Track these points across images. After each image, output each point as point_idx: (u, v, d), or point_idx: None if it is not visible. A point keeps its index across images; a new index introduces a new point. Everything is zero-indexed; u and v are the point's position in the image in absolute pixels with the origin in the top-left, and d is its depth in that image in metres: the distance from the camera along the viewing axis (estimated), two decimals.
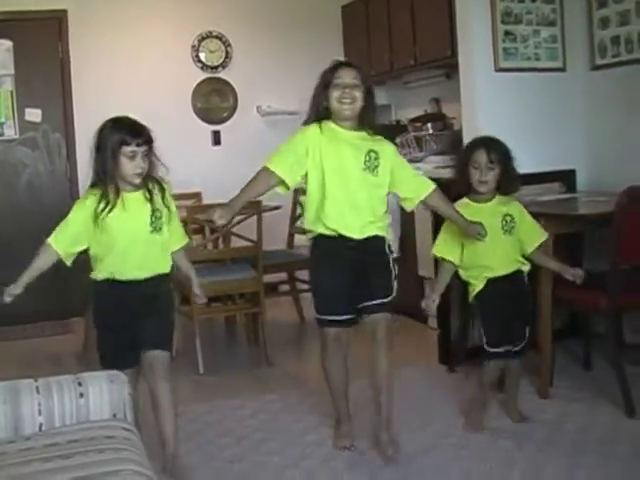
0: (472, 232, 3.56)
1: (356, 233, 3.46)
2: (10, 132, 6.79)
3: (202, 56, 7.34)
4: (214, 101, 7.39)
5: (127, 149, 3.19)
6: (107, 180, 3.21)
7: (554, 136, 5.04)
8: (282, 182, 3.53)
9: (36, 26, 6.77)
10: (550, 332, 4.12)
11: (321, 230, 3.50)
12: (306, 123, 3.55)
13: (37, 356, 5.62)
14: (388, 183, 3.53)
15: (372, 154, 3.46)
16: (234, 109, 7.45)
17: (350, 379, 3.71)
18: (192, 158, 6.92)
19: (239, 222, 5.14)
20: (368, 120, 3.51)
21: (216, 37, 7.35)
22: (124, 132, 3.22)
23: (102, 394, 2.64)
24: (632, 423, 3.74)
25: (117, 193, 3.22)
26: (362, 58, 7.21)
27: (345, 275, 3.49)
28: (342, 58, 7.47)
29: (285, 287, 6.54)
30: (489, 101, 4.92)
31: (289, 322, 6.24)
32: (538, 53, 5.05)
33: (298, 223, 6.21)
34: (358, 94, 3.42)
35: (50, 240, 3.29)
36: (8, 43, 6.72)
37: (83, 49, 6.86)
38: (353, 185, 3.44)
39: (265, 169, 3.52)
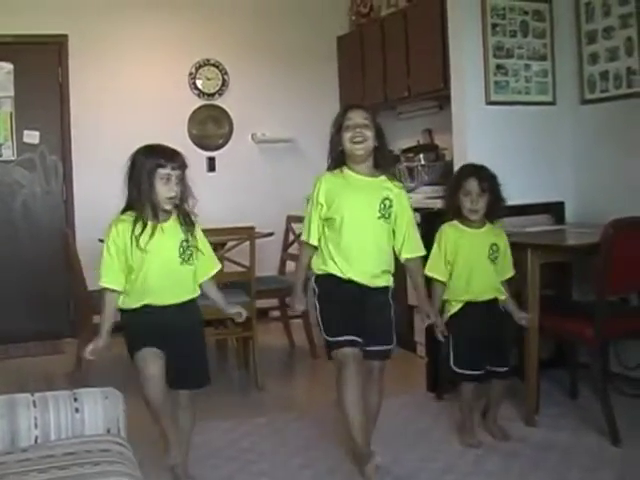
0: (426, 313, 3.79)
1: (366, 280, 3.52)
2: (8, 153, 6.84)
3: (199, 83, 7.42)
4: (210, 128, 7.47)
5: (162, 171, 3.25)
6: (144, 202, 3.26)
7: (543, 168, 5.12)
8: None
9: (37, 50, 6.85)
10: (536, 361, 4.17)
11: (333, 270, 3.53)
12: (328, 169, 3.64)
13: (28, 376, 5.63)
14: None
15: (387, 201, 3.51)
16: (229, 136, 7.52)
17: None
18: None
19: (232, 247, 5.21)
20: (383, 162, 3.59)
21: (213, 65, 7.44)
22: (160, 156, 3.29)
23: (97, 409, 2.69)
24: (617, 451, 3.78)
25: (155, 216, 3.28)
26: (356, 88, 7.32)
27: (353, 310, 3.51)
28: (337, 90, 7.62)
29: (276, 313, 6.60)
30: (480, 133, 5.00)
31: (279, 347, 6.28)
32: (529, 87, 5.15)
33: (290, 250, 6.28)
34: (369, 133, 3.49)
35: (104, 283, 3.31)
36: (9, 66, 6.79)
37: (82, 74, 6.93)
38: (366, 232, 3.50)
39: (305, 244, 3.65)
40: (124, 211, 3.33)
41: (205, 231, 5.08)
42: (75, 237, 6.32)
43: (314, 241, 3.57)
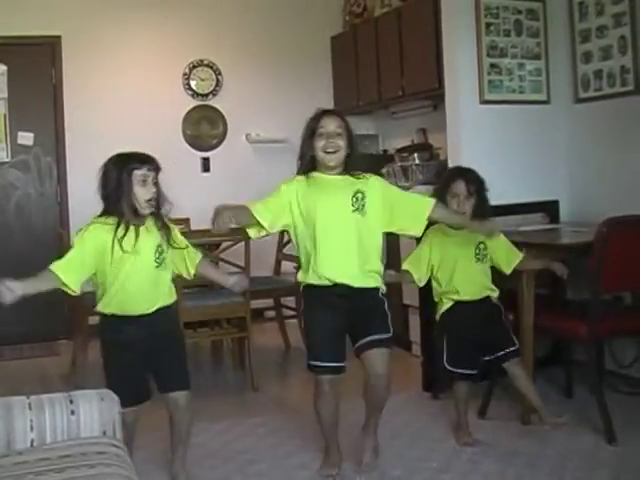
0: (489, 232, 3.75)
1: (351, 280, 3.45)
2: (2, 155, 6.83)
3: (193, 84, 7.42)
4: (204, 128, 7.47)
5: (139, 172, 3.26)
6: (123, 206, 3.26)
7: (538, 167, 5.13)
8: (258, 224, 3.51)
9: (30, 51, 6.84)
10: (532, 360, 4.17)
11: (313, 280, 3.48)
12: (298, 174, 3.57)
13: (23, 378, 5.62)
14: (382, 221, 3.52)
15: (359, 194, 3.44)
16: (223, 136, 7.52)
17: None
18: (181, 184, 6.92)
19: (227, 248, 5.21)
20: (353, 167, 3.51)
21: (207, 65, 7.44)
22: (134, 159, 3.31)
23: (92, 412, 2.69)
24: (612, 450, 3.79)
25: (135, 219, 3.28)
26: (350, 88, 7.33)
27: (339, 323, 3.47)
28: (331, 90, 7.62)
29: (271, 313, 6.60)
30: (474, 132, 5.01)
31: (274, 348, 6.28)
32: (523, 86, 5.16)
33: (285, 250, 6.28)
34: (342, 143, 3.42)
35: (54, 268, 3.27)
36: (2, 67, 6.78)
37: (76, 75, 6.93)
38: (345, 229, 3.43)
39: (247, 211, 3.54)
40: (101, 215, 3.32)
41: (199, 232, 5.10)
42: (70, 238, 6.30)
43: (256, 213, 3.47)
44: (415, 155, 6.48)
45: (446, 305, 3.96)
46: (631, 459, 3.67)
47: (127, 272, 3.26)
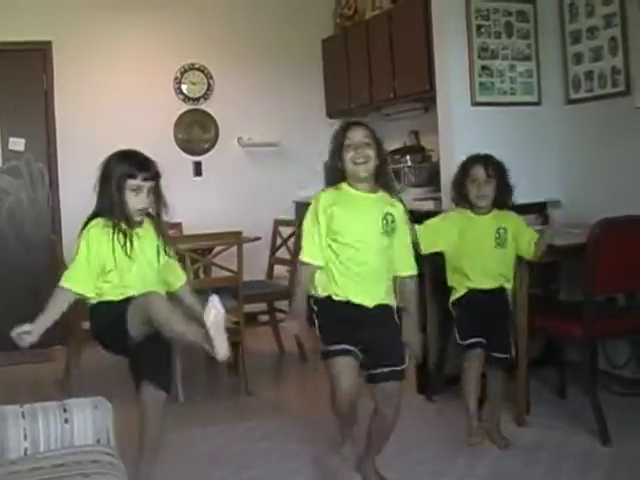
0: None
1: (369, 301, 3.35)
2: None
3: (184, 88, 7.41)
4: (196, 132, 7.46)
5: (132, 182, 3.18)
6: (115, 211, 3.19)
7: (530, 169, 5.13)
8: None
9: (21, 57, 6.83)
10: (526, 360, 4.18)
11: (331, 294, 3.35)
12: (327, 186, 3.49)
13: (17, 384, 5.61)
14: None
15: (389, 217, 3.35)
16: (215, 140, 7.52)
17: None
18: (173, 188, 6.83)
19: (220, 252, 5.20)
20: (384, 179, 3.43)
21: (198, 69, 7.44)
22: (131, 164, 3.21)
23: (86, 420, 2.68)
24: (606, 451, 3.79)
25: (128, 225, 3.22)
26: (342, 91, 7.33)
27: (355, 336, 3.31)
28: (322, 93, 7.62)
29: (264, 317, 6.59)
30: (466, 134, 5.00)
31: (268, 352, 6.26)
32: (514, 87, 5.16)
33: (278, 254, 6.27)
34: (371, 152, 3.32)
35: (65, 284, 3.22)
36: None
37: (67, 80, 6.92)
38: (372, 251, 3.33)
39: (302, 264, 3.40)
40: (93, 216, 3.26)
41: (192, 237, 5.09)
42: (62, 244, 6.29)
43: (311, 259, 3.35)
44: (407, 157, 6.49)
45: (459, 292, 3.96)
46: (625, 460, 3.67)
47: (129, 275, 3.22)
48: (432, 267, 4.32)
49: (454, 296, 4.01)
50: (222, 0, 7.46)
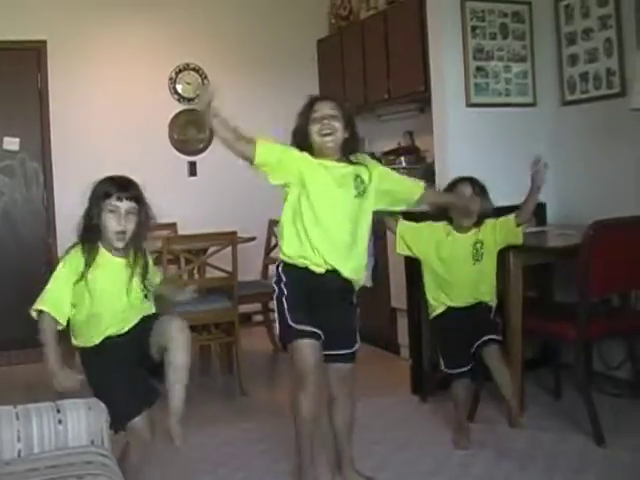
0: (472, 207, 3.73)
1: (344, 269, 3.34)
2: None
3: (179, 88, 7.41)
4: (190, 132, 7.45)
5: (108, 202, 3.05)
6: (96, 234, 3.09)
7: (524, 170, 5.11)
8: (251, 159, 3.37)
9: (15, 56, 6.81)
10: (520, 362, 4.18)
11: (306, 262, 3.32)
12: None
13: (10, 384, 5.61)
14: (377, 201, 3.44)
15: (359, 178, 3.35)
16: (210, 141, 7.50)
17: None
18: (168, 189, 6.95)
19: (214, 253, 5.20)
20: (350, 151, 3.41)
21: (193, 69, 7.43)
22: (109, 185, 3.08)
23: (80, 421, 2.68)
24: (601, 451, 3.80)
25: (108, 250, 3.09)
26: (337, 91, 7.31)
27: (317, 306, 3.33)
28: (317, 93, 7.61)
29: (259, 317, 6.59)
30: (461, 136, 5.01)
31: (263, 352, 6.27)
32: (509, 89, 5.17)
33: (272, 254, 6.27)
34: (338, 124, 3.32)
35: (42, 306, 3.09)
36: None
37: (62, 79, 6.91)
38: (346, 212, 3.32)
39: (252, 143, 3.40)
40: (81, 238, 3.12)
41: (186, 237, 5.07)
42: (57, 244, 6.27)
43: (259, 147, 3.35)
44: (402, 158, 6.51)
45: (438, 310, 3.96)
46: (619, 460, 3.68)
47: (94, 303, 3.08)
48: None
49: (433, 312, 3.99)
50: (217, 0, 7.46)
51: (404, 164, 6.44)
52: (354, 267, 3.42)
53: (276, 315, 3.41)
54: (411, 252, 4.01)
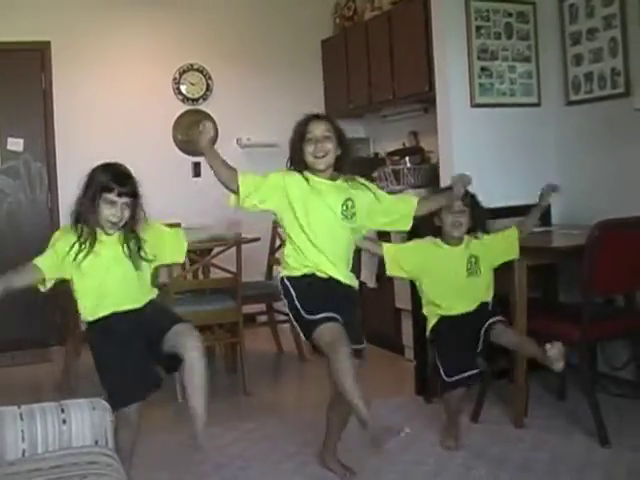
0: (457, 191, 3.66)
1: (342, 277, 3.47)
2: None
3: (183, 88, 7.41)
4: (195, 133, 7.43)
5: (107, 196, 3.19)
6: (89, 219, 3.21)
7: (529, 170, 5.13)
8: (236, 191, 3.60)
9: (19, 57, 6.82)
10: (524, 363, 4.17)
11: (310, 270, 3.44)
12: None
13: (16, 384, 5.61)
14: (369, 223, 3.59)
15: (349, 202, 3.46)
16: (214, 141, 7.44)
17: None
18: (172, 189, 6.98)
19: (219, 253, 5.20)
20: (342, 170, 3.53)
21: (197, 70, 7.43)
22: (109, 178, 3.21)
23: (84, 421, 2.68)
24: (605, 452, 3.79)
25: (93, 238, 3.22)
26: (341, 92, 7.33)
27: (328, 302, 3.39)
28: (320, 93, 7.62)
29: (263, 318, 6.59)
30: (465, 136, 5.00)
31: (267, 352, 6.27)
32: (513, 89, 5.16)
33: (277, 254, 6.27)
34: (330, 145, 3.44)
35: (37, 262, 3.36)
36: None
37: (66, 80, 6.91)
38: (335, 234, 3.44)
39: (235, 173, 3.60)
40: (75, 221, 3.27)
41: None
42: None
43: (240, 178, 3.55)
44: (406, 158, 6.49)
45: (432, 321, 3.93)
46: (624, 461, 3.67)
47: (100, 279, 3.24)
48: None
49: (430, 325, 3.96)
50: (221, 1, 7.47)
51: (409, 164, 6.43)
52: (349, 276, 3.54)
53: (295, 323, 3.49)
54: (404, 272, 3.98)
